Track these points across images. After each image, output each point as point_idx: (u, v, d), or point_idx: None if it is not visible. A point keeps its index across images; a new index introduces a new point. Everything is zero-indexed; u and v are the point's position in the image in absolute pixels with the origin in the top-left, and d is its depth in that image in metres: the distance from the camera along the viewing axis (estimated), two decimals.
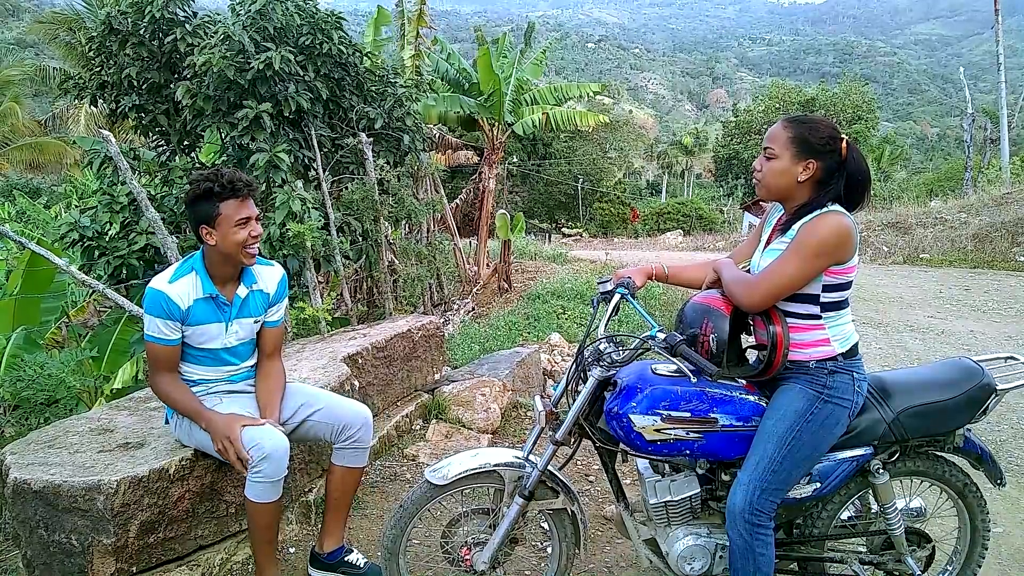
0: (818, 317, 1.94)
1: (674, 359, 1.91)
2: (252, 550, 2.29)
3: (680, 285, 2.28)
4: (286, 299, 2.54)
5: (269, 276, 2.42)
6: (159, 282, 2.20)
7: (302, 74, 4.95)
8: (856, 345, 1.99)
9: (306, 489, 2.89)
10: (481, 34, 15.01)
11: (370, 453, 2.59)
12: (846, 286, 1.93)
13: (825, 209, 1.87)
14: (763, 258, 2.01)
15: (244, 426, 2.13)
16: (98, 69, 5.19)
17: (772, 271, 1.88)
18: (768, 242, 2.04)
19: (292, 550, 2.69)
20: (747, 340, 2.07)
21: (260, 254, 2.38)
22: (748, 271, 2.07)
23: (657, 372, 2.01)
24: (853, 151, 1.90)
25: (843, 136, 1.90)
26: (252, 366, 2.45)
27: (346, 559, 2.46)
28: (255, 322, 2.38)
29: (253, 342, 2.44)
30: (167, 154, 5.58)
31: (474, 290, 11.21)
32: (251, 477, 2.11)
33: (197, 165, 5.51)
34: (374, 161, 5.61)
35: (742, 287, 1.93)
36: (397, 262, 6.51)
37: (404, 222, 6.91)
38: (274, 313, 2.44)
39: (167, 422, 2.38)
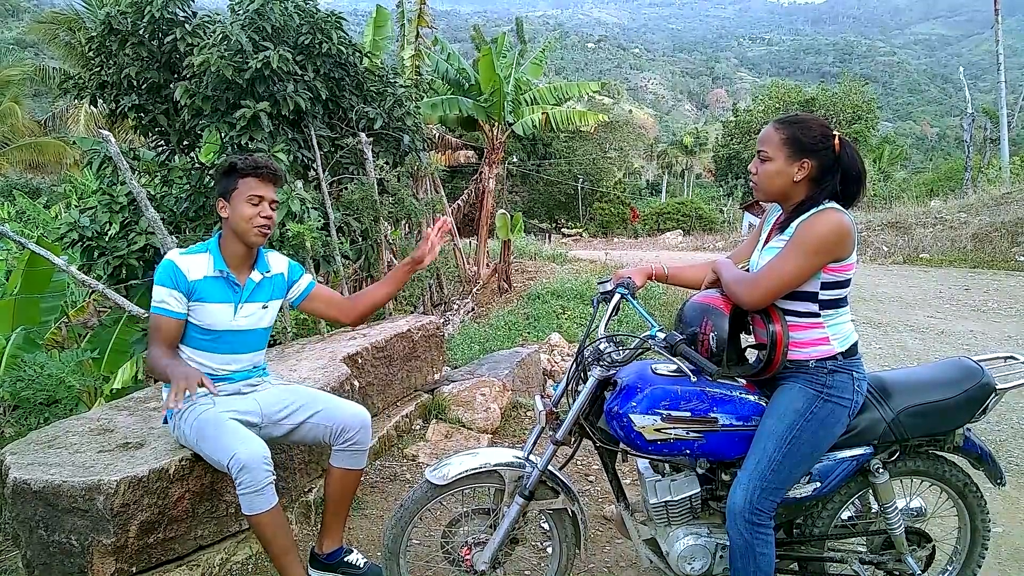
0: (817, 315, 1.94)
1: (674, 358, 1.91)
2: (273, 564, 2.22)
3: (680, 285, 2.28)
4: (306, 274, 2.57)
5: (278, 261, 2.50)
6: (172, 253, 2.29)
7: (301, 74, 4.94)
8: (856, 344, 1.99)
9: (306, 489, 2.89)
10: (477, 33, 15.00)
11: (370, 453, 2.59)
12: (845, 284, 1.93)
13: (823, 206, 1.88)
14: (762, 256, 2.01)
15: (200, 383, 2.03)
16: (98, 69, 5.18)
17: (771, 269, 1.89)
18: (767, 240, 2.05)
19: None
20: (746, 340, 2.07)
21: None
22: (747, 271, 2.07)
23: (657, 372, 2.01)
24: (846, 147, 1.91)
25: (835, 133, 1.91)
26: (257, 366, 2.46)
27: (346, 559, 2.45)
28: (263, 307, 2.40)
29: (264, 334, 2.45)
30: (167, 154, 5.58)
31: (474, 290, 11.22)
32: (238, 491, 2.08)
33: (197, 165, 5.51)
34: (374, 161, 5.61)
35: (742, 285, 1.93)
36: (397, 262, 6.50)
37: (404, 222, 6.92)
38: (301, 285, 2.52)
39: (166, 422, 2.38)
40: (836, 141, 1.90)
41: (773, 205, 2.10)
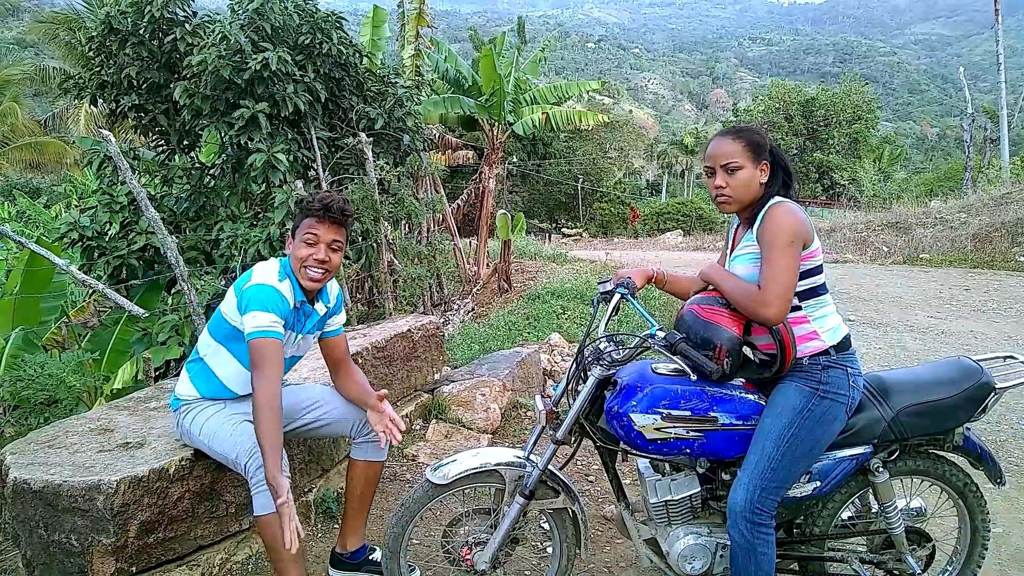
0: (798, 308, 1.95)
1: (674, 357, 1.91)
2: (276, 571, 2.12)
3: (673, 294, 2.29)
4: (343, 313, 2.52)
5: (334, 292, 2.44)
6: (269, 279, 2.15)
7: (300, 74, 4.94)
8: (848, 338, 2.00)
9: (306, 489, 2.89)
10: (474, 33, 15.00)
11: None
12: (816, 271, 1.96)
13: (772, 202, 1.93)
14: (733, 265, 2.04)
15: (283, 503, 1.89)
16: (98, 69, 5.18)
17: (770, 277, 1.85)
18: (733, 247, 2.06)
19: None
20: None
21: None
22: None
23: (657, 371, 2.01)
24: (773, 145, 2.03)
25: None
26: None
27: (370, 557, 2.46)
28: (314, 338, 2.39)
29: (295, 362, 2.45)
30: (167, 154, 5.58)
31: (474, 290, 11.21)
32: (252, 490, 2.05)
33: (197, 165, 5.51)
34: (374, 161, 5.61)
35: (756, 306, 1.86)
36: (397, 262, 6.50)
37: (404, 222, 6.92)
38: (335, 323, 2.44)
39: (174, 408, 2.33)
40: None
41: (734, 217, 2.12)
